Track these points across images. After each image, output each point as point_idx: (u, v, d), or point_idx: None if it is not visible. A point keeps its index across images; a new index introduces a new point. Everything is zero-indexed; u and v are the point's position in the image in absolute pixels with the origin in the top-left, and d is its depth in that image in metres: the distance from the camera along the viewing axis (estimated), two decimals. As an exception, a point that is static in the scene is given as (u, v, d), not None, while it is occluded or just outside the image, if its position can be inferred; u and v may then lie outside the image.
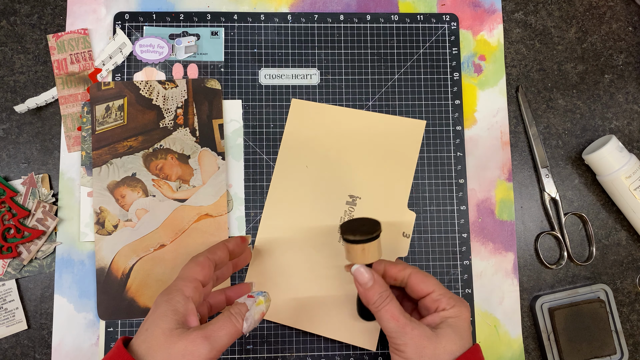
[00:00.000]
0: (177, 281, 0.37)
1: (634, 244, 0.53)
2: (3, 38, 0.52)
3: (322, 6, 0.54)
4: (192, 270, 0.38)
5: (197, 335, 0.33)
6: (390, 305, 0.38)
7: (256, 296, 0.38)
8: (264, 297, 0.38)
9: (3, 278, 0.48)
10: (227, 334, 0.34)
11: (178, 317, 0.34)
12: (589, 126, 0.54)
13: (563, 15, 0.56)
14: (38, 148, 0.51)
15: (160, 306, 0.35)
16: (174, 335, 0.33)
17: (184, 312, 0.35)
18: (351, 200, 0.48)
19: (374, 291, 0.39)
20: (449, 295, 0.39)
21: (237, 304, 0.37)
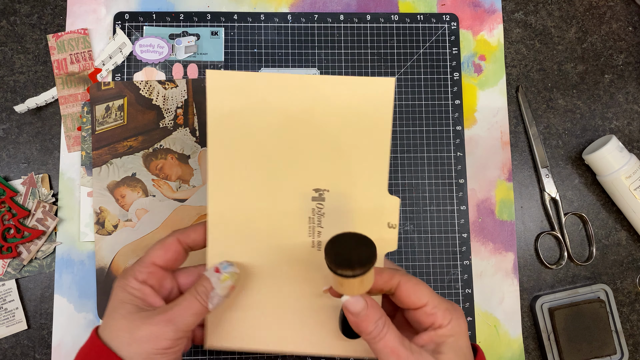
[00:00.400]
0: (134, 265, 0.35)
1: (634, 244, 0.53)
2: (3, 38, 0.52)
3: (322, 6, 0.54)
4: (152, 254, 0.35)
5: (160, 318, 0.32)
6: (389, 337, 0.32)
7: (222, 270, 0.35)
8: (230, 272, 0.35)
9: (3, 278, 0.48)
10: (193, 315, 0.33)
11: (136, 302, 0.34)
12: (589, 126, 0.54)
13: (563, 15, 0.56)
14: (38, 148, 0.51)
15: (116, 293, 0.34)
16: (136, 319, 0.32)
17: (141, 296, 0.34)
18: (318, 195, 0.37)
19: (369, 320, 0.32)
20: (444, 307, 0.34)
21: (202, 280, 0.35)
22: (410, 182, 0.52)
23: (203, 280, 0.35)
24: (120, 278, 0.35)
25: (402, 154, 0.52)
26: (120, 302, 0.34)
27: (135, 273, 0.34)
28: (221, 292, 0.34)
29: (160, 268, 0.35)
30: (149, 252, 0.36)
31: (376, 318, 0.32)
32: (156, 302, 0.34)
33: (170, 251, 0.36)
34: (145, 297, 0.34)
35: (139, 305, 0.33)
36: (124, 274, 0.35)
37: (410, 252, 0.51)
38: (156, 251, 0.36)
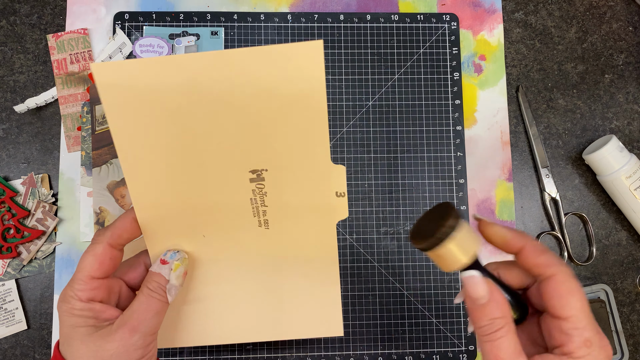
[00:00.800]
0: (71, 284, 0.31)
1: (634, 244, 0.53)
2: (3, 38, 0.52)
3: (322, 6, 0.54)
4: (86, 267, 0.31)
5: (124, 330, 0.30)
6: (502, 344, 0.26)
7: (170, 260, 0.33)
8: (179, 258, 0.33)
9: (3, 278, 0.48)
10: (155, 315, 0.31)
11: (90, 322, 0.30)
12: (589, 126, 0.54)
13: (563, 15, 0.56)
14: (38, 148, 0.51)
15: (65, 319, 0.31)
16: (97, 339, 0.29)
17: (92, 315, 0.31)
18: (255, 175, 0.34)
19: (486, 313, 0.27)
20: (587, 335, 0.26)
21: (152, 276, 0.32)
22: (410, 182, 0.52)
23: (153, 276, 0.32)
24: (62, 302, 0.31)
25: (402, 154, 0.52)
26: (72, 327, 0.30)
27: (77, 293, 0.31)
28: (177, 282, 0.33)
29: (102, 279, 0.32)
30: (83, 266, 0.31)
31: (495, 315, 0.27)
32: (112, 315, 0.31)
33: (105, 260, 0.32)
34: (97, 314, 0.31)
35: (95, 324, 0.30)
36: (64, 297, 0.31)
37: (410, 252, 0.51)
38: (90, 264, 0.31)
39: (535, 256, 0.28)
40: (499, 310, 0.26)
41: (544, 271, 0.27)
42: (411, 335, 0.50)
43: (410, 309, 0.50)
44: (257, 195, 0.35)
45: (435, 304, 0.50)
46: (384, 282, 0.50)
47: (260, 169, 0.34)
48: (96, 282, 0.31)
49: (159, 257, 0.33)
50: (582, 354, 0.26)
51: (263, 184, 0.35)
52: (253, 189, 0.35)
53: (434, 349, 0.49)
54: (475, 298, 0.27)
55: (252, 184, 0.35)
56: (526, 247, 0.29)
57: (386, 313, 0.50)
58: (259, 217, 0.36)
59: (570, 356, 0.26)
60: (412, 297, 0.50)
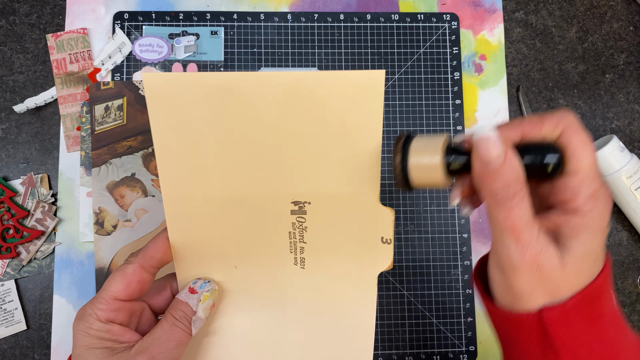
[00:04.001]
0: (93, 302, 0.30)
1: (635, 244, 0.53)
2: (2, 37, 0.52)
3: (322, 5, 0.54)
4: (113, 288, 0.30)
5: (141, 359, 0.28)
6: (520, 208, 0.24)
7: (200, 290, 0.31)
8: (210, 290, 0.31)
9: (2, 278, 0.48)
10: (176, 346, 0.29)
11: (106, 344, 0.29)
12: (589, 126, 0.54)
13: (564, 14, 0.56)
14: (37, 148, 0.51)
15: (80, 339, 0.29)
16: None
17: (110, 337, 0.29)
18: (297, 207, 0.32)
19: (502, 177, 0.24)
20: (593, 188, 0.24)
21: (178, 304, 0.30)
22: (411, 182, 0.51)
23: (179, 304, 0.30)
24: (80, 321, 0.29)
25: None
26: (87, 348, 0.28)
27: (96, 313, 0.29)
28: (203, 314, 0.31)
29: (125, 302, 0.30)
30: (109, 286, 0.30)
31: (510, 180, 0.24)
32: (131, 338, 0.29)
33: (133, 283, 0.30)
34: (115, 337, 0.29)
35: (111, 347, 0.29)
36: (83, 315, 0.29)
37: (410, 252, 0.50)
38: (117, 285, 0.30)
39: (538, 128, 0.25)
40: (514, 173, 0.24)
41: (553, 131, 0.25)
42: (411, 336, 0.49)
43: (410, 309, 0.50)
44: (296, 229, 0.33)
45: (436, 305, 0.50)
46: (384, 282, 0.50)
47: (304, 201, 0.32)
48: (119, 304, 0.30)
49: (188, 285, 0.31)
50: (590, 208, 0.24)
51: (304, 217, 0.32)
52: (293, 222, 0.32)
53: (434, 349, 0.49)
54: (489, 160, 0.24)
55: (293, 217, 0.32)
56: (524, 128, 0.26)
57: (386, 313, 0.50)
58: (295, 254, 0.33)
59: (577, 212, 0.25)
60: (413, 297, 0.50)
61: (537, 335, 0.25)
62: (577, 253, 0.24)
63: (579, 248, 0.24)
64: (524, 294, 0.25)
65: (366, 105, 0.29)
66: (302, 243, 0.33)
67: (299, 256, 0.33)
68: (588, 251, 0.25)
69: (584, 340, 0.25)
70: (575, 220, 0.25)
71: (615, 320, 0.26)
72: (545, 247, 0.24)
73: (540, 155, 0.25)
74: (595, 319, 0.25)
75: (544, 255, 0.24)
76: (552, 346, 0.25)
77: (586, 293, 0.25)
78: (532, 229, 0.24)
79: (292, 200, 0.32)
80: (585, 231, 0.25)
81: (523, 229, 0.24)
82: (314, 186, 0.31)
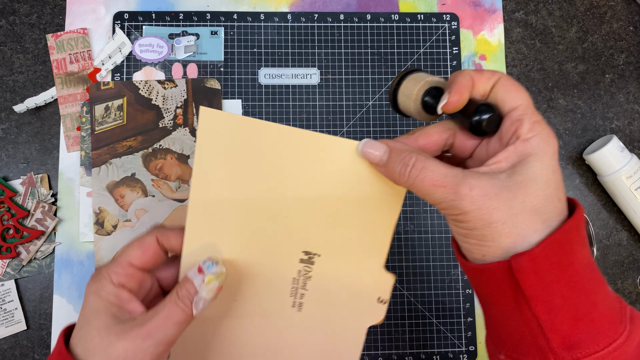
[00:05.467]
0: (109, 265, 0.31)
1: (635, 244, 0.53)
2: (2, 38, 0.52)
3: (322, 5, 0.54)
4: (130, 253, 0.31)
5: (138, 333, 0.28)
6: (425, 172, 0.26)
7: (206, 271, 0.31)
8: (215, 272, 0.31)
9: (2, 278, 0.48)
10: (175, 325, 0.29)
11: (112, 309, 0.29)
12: (589, 126, 0.54)
13: (564, 14, 0.56)
14: (37, 148, 0.51)
15: (90, 300, 0.30)
16: (111, 334, 0.28)
17: (118, 303, 0.30)
18: (307, 258, 0.34)
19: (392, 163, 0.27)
20: (535, 118, 0.26)
21: (185, 282, 0.31)
22: (411, 182, 0.51)
23: (185, 282, 0.31)
24: (94, 281, 0.30)
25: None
26: (94, 311, 0.29)
27: (110, 275, 0.30)
28: (207, 296, 0.30)
29: (139, 269, 0.31)
30: (126, 251, 0.31)
31: (400, 158, 0.27)
32: (135, 309, 0.30)
33: (149, 251, 0.31)
34: (122, 303, 0.30)
35: (116, 313, 0.29)
36: (97, 275, 0.31)
37: (410, 252, 0.50)
38: (134, 250, 0.31)
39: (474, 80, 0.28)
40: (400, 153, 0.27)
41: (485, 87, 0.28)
42: (411, 336, 0.49)
43: (410, 309, 0.50)
44: (301, 276, 0.35)
45: (436, 305, 0.50)
46: (384, 282, 0.50)
47: (314, 253, 0.34)
48: (132, 271, 0.31)
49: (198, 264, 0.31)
50: (534, 133, 0.26)
51: (311, 267, 0.35)
52: (299, 270, 0.35)
53: (434, 349, 0.49)
54: (376, 161, 0.28)
55: (301, 265, 0.35)
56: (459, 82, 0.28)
57: (386, 313, 0.50)
58: (295, 297, 0.35)
59: (520, 139, 0.26)
60: (413, 297, 0.50)
61: (509, 285, 0.25)
62: (526, 177, 0.25)
63: (526, 172, 0.25)
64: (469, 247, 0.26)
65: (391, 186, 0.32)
66: (303, 289, 0.35)
67: (298, 300, 0.35)
68: (538, 175, 0.25)
69: (556, 288, 0.24)
70: (520, 147, 0.26)
71: (590, 270, 0.25)
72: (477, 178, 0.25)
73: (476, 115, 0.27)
74: (567, 266, 0.25)
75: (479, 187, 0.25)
76: (523, 295, 0.25)
77: (555, 238, 0.24)
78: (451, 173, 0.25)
79: (304, 250, 0.34)
80: (531, 155, 0.25)
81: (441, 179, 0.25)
82: (327, 242, 0.34)
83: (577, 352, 0.24)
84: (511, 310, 0.26)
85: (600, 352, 0.24)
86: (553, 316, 0.24)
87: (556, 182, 0.25)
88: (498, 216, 0.24)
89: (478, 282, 0.27)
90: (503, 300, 0.26)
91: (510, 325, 0.26)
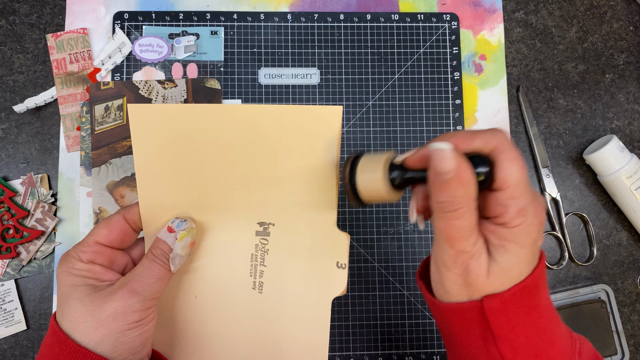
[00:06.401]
0: (76, 246, 0.32)
1: (635, 244, 0.53)
2: (2, 37, 0.52)
3: (322, 5, 0.54)
4: (96, 232, 0.32)
5: (123, 291, 0.30)
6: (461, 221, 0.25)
7: (177, 230, 0.32)
8: (186, 228, 0.32)
9: (2, 278, 0.48)
10: (157, 280, 0.31)
11: (89, 282, 0.30)
12: (589, 126, 0.54)
13: (564, 14, 0.56)
14: (37, 148, 0.51)
15: (63, 278, 0.31)
16: (95, 300, 0.29)
17: (92, 276, 0.31)
18: (262, 229, 0.35)
19: (448, 191, 0.25)
20: (523, 203, 0.25)
21: (157, 243, 0.32)
22: (411, 182, 0.51)
23: (158, 243, 0.32)
24: (63, 262, 0.31)
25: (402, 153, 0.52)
26: (71, 286, 0.30)
27: (79, 254, 0.31)
28: (182, 252, 0.32)
29: (107, 247, 0.32)
30: (93, 231, 0.32)
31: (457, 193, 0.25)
32: (112, 277, 0.32)
33: (115, 230, 0.32)
34: (97, 275, 0.31)
35: (93, 284, 0.31)
36: (65, 257, 0.31)
37: (410, 252, 0.50)
38: (100, 229, 0.32)
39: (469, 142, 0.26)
40: (462, 188, 0.25)
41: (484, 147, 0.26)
42: (411, 336, 0.49)
43: (410, 309, 0.50)
44: (259, 251, 0.35)
45: (436, 304, 0.50)
46: (384, 282, 0.50)
47: (268, 222, 0.35)
48: (100, 248, 0.32)
49: (167, 225, 0.33)
50: (517, 223, 0.26)
51: (267, 239, 0.35)
52: (257, 244, 0.35)
53: (434, 349, 0.49)
54: (441, 172, 0.25)
55: (257, 238, 0.35)
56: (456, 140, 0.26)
57: (386, 313, 0.50)
58: (255, 277, 0.36)
59: (505, 226, 0.26)
60: (412, 297, 0.50)
61: (479, 324, 0.27)
62: (502, 264, 0.26)
63: (504, 260, 0.26)
64: (451, 291, 0.27)
65: (325, 136, 0.33)
66: (262, 266, 0.35)
67: (258, 280, 0.36)
68: (513, 263, 0.26)
69: (521, 329, 0.27)
70: (503, 233, 0.26)
71: (549, 311, 0.28)
72: (477, 256, 0.26)
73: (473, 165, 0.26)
74: (532, 310, 0.27)
75: (473, 263, 0.26)
76: (492, 334, 0.27)
77: (524, 285, 0.26)
78: (468, 239, 0.26)
79: (258, 221, 0.35)
80: (512, 245, 0.26)
81: (459, 239, 0.26)
82: (278, 208, 0.35)
83: None
84: (478, 348, 0.28)
85: None
86: (516, 354, 0.27)
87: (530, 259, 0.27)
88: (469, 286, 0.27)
89: (448, 320, 0.29)
90: (472, 339, 0.28)
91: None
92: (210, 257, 0.35)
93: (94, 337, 0.29)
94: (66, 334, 0.29)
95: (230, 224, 0.35)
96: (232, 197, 0.34)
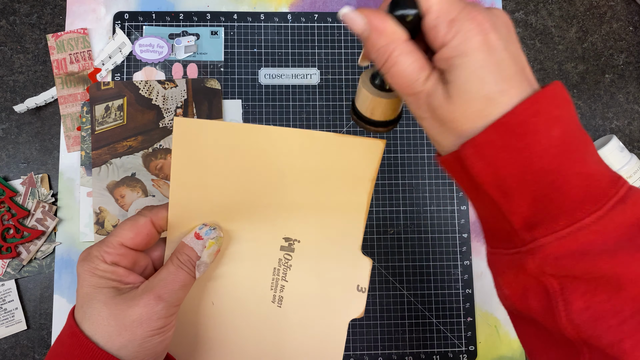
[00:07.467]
0: (100, 245, 0.31)
1: (635, 244, 0.53)
2: (2, 38, 0.52)
3: (322, 6, 0.54)
4: (121, 234, 0.31)
5: (149, 297, 0.29)
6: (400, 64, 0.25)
7: (205, 237, 0.32)
8: (215, 237, 0.32)
9: (2, 278, 0.48)
10: (182, 287, 0.30)
11: (113, 284, 0.30)
12: (589, 126, 0.54)
13: (563, 14, 0.56)
14: (37, 148, 0.51)
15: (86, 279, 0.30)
16: (119, 303, 0.29)
17: (116, 278, 0.30)
18: (287, 244, 0.36)
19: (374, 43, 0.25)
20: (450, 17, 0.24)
21: (184, 248, 0.32)
22: (410, 182, 0.51)
23: (184, 249, 0.32)
24: (85, 261, 0.30)
25: (402, 153, 0.52)
26: (95, 288, 0.30)
27: (102, 255, 0.30)
28: (208, 259, 0.32)
29: (131, 249, 0.32)
30: (118, 232, 0.31)
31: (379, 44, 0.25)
32: (135, 280, 0.31)
33: (142, 234, 0.32)
34: (120, 278, 0.30)
35: (117, 287, 0.30)
36: (88, 256, 0.31)
37: (410, 252, 0.50)
38: (126, 232, 0.31)
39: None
40: (383, 37, 0.25)
41: None
42: (411, 336, 0.50)
43: (410, 309, 0.50)
44: (281, 266, 0.36)
45: (435, 304, 0.50)
46: (384, 282, 0.50)
47: (294, 239, 0.36)
48: (125, 250, 0.31)
49: (195, 231, 0.32)
50: (452, 34, 0.24)
51: (291, 255, 0.36)
52: (280, 258, 0.36)
53: (434, 349, 0.49)
54: (359, 33, 0.25)
55: (281, 253, 0.36)
56: None
57: (386, 313, 0.50)
58: (275, 291, 0.36)
59: (446, 46, 0.24)
60: (413, 297, 0.50)
61: (465, 174, 0.25)
62: (457, 82, 0.24)
63: (456, 77, 0.24)
64: (441, 142, 0.26)
65: (363, 166, 0.34)
66: (283, 281, 0.36)
67: (278, 294, 0.36)
68: (466, 76, 0.23)
69: (507, 172, 0.23)
70: (445, 53, 0.24)
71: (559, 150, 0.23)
72: (433, 90, 0.25)
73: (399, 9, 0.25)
74: (521, 149, 0.23)
75: (432, 98, 0.25)
76: (475, 181, 0.25)
77: (500, 123, 0.23)
78: (416, 80, 0.25)
79: (284, 236, 0.35)
80: (457, 58, 0.23)
81: (407, 84, 0.25)
82: (305, 227, 0.35)
83: (535, 232, 0.24)
84: (477, 199, 0.26)
85: (560, 231, 0.23)
86: (510, 199, 0.24)
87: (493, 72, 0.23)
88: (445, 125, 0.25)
89: (450, 174, 0.28)
90: (470, 188, 0.26)
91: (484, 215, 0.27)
92: (232, 266, 0.35)
93: (117, 342, 0.28)
94: (87, 337, 0.28)
95: (256, 235, 0.35)
96: (262, 211, 0.34)
